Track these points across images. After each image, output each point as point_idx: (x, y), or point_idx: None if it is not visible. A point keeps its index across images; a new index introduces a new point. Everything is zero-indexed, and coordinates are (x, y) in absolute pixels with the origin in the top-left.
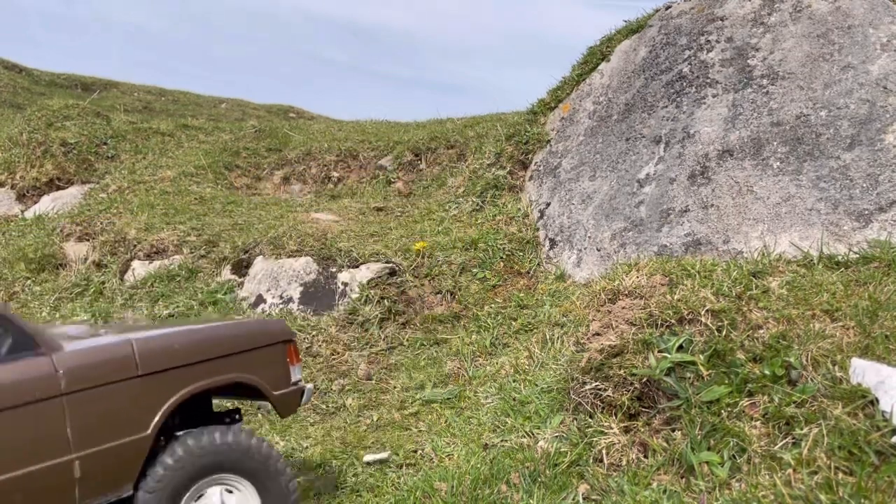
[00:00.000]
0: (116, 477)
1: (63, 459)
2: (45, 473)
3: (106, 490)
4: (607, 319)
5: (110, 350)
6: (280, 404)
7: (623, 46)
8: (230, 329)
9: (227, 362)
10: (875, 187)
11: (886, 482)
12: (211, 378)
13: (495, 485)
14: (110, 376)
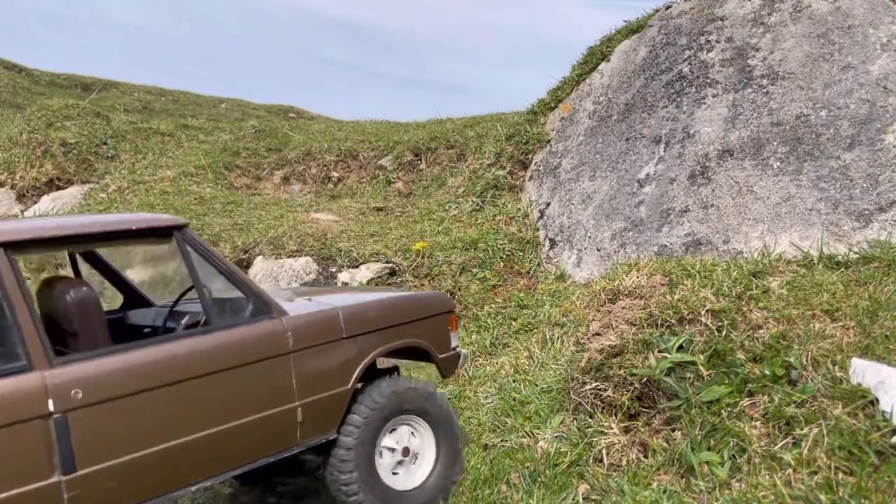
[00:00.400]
0: (326, 423)
1: (290, 406)
2: (278, 416)
3: (318, 433)
4: (607, 319)
5: (323, 316)
6: (444, 366)
7: (623, 46)
8: (408, 300)
9: (407, 328)
10: (875, 187)
11: (886, 482)
12: (395, 341)
13: (495, 485)
14: (323, 337)
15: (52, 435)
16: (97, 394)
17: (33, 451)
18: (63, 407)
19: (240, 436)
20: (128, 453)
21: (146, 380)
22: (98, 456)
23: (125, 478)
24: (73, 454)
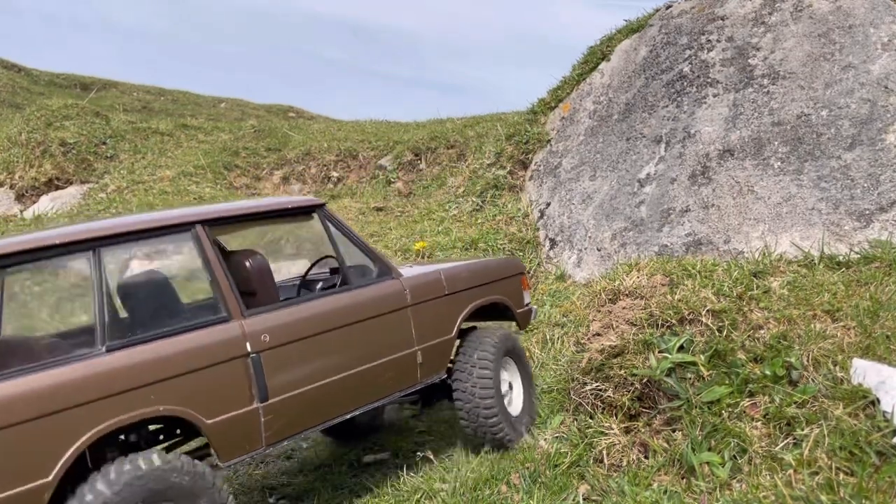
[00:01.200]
0: (439, 365)
1: (412, 350)
2: (404, 358)
3: (433, 373)
4: (608, 319)
5: (430, 277)
6: (521, 319)
7: (623, 46)
8: (490, 264)
9: (492, 287)
10: (876, 187)
11: (887, 482)
12: (484, 297)
13: (495, 485)
14: (432, 294)
15: (250, 371)
16: (279, 338)
17: (238, 384)
18: (256, 349)
19: (379, 373)
20: (303, 386)
21: (311, 328)
22: (283, 387)
23: (302, 406)
24: (267, 386)
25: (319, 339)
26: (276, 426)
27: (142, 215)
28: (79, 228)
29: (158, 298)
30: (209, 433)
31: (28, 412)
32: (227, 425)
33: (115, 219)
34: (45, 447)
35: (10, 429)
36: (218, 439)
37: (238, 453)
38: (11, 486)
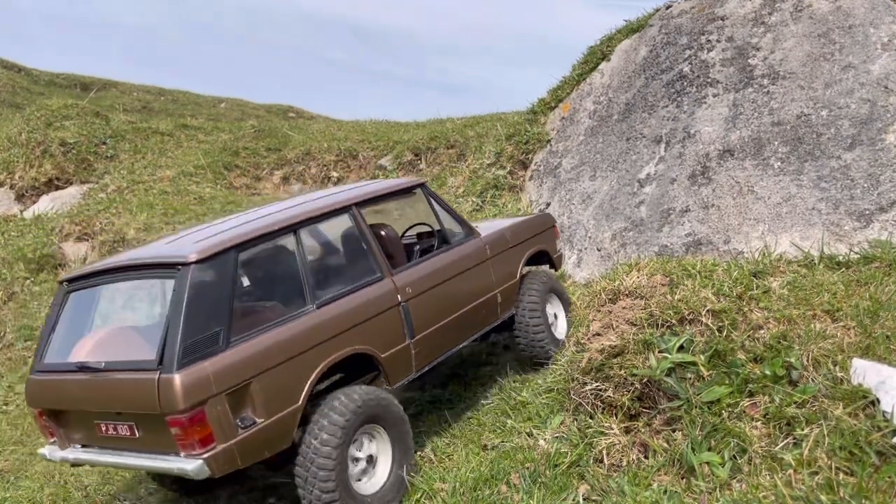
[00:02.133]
0: (510, 303)
1: (494, 292)
2: (490, 299)
3: (507, 310)
4: (608, 319)
5: (499, 233)
6: (557, 262)
7: (623, 46)
8: (534, 220)
9: (537, 238)
10: (876, 187)
11: (887, 482)
12: (533, 248)
13: (495, 485)
14: (502, 247)
15: (401, 315)
16: (417, 289)
17: (396, 326)
18: (404, 298)
19: (476, 312)
20: (434, 324)
21: (434, 279)
22: (423, 326)
23: (435, 340)
24: (413, 326)
25: (440, 288)
26: (421, 357)
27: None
28: (282, 217)
29: (340, 265)
30: (384, 364)
31: (281, 356)
32: (393, 357)
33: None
34: (294, 381)
35: (272, 369)
36: (389, 368)
37: (400, 379)
38: (279, 410)
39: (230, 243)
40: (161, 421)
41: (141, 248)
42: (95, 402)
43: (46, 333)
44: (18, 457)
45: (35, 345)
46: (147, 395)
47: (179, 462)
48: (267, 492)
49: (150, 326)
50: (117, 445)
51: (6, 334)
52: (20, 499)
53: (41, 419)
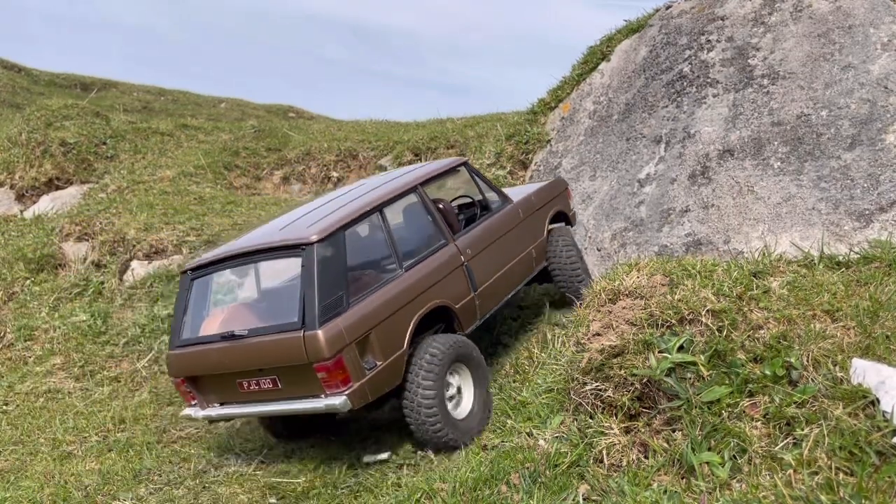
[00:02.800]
0: (541, 258)
1: (529, 249)
2: (526, 255)
3: (539, 263)
4: (607, 319)
5: (526, 198)
6: (572, 219)
7: (623, 46)
8: (552, 184)
9: (555, 200)
10: (876, 187)
11: (887, 482)
12: (554, 209)
13: (495, 485)
14: (531, 210)
15: (465, 273)
16: (474, 250)
17: (462, 282)
18: (465, 259)
19: (518, 266)
20: (489, 279)
21: (485, 242)
22: (481, 282)
23: (491, 293)
24: (475, 282)
25: (490, 248)
26: (482, 307)
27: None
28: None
29: (414, 235)
30: (458, 313)
31: (387, 311)
32: (464, 308)
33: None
34: (399, 330)
35: (383, 322)
36: (462, 317)
37: (470, 325)
38: (391, 354)
39: (339, 224)
40: (305, 370)
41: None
42: (242, 363)
43: (179, 315)
44: (18, 457)
45: (32, 343)
46: (295, 349)
47: (326, 401)
48: (267, 492)
49: (284, 296)
50: (259, 398)
51: (6, 334)
52: (20, 499)
53: (182, 386)
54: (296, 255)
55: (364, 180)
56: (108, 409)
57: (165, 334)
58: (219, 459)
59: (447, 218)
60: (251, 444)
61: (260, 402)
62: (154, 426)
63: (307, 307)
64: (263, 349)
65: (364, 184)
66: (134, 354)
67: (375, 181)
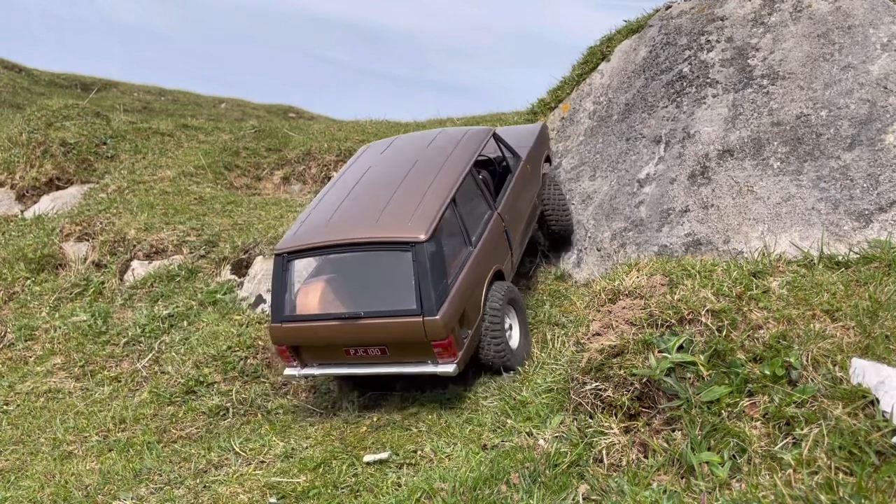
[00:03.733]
0: (538, 203)
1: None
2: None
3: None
4: (607, 319)
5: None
6: (551, 159)
7: (623, 46)
8: (541, 130)
9: (544, 145)
10: (875, 187)
11: (887, 482)
12: (544, 152)
13: (495, 485)
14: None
15: (505, 237)
16: (507, 214)
17: (504, 245)
18: (505, 225)
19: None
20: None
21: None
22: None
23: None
24: (511, 242)
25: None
26: (515, 261)
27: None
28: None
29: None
30: (504, 271)
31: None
32: (508, 265)
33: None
34: (478, 300)
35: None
36: (506, 273)
37: (510, 278)
38: (475, 323)
39: (438, 218)
40: (415, 344)
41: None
42: (357, 339)
43: (280, 292)
44: (19, 457)
45: (33, 343)
46: (416, 331)
47: (439, 368)
48: (267, 492)
49: (397, 284)
50: (365, 362)
51: (7, 334)
52: (21, 498)
53: (285, 352)
54: (405, 250)
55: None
56: (108, 409)
57: (166, 334)
58: (219, 459)
59: (488, 187)
60: (251, 443)
61: (365, 365)
62: (154, 426)
63: (424, 296)
64: (382, 329)
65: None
66: (134, 354)
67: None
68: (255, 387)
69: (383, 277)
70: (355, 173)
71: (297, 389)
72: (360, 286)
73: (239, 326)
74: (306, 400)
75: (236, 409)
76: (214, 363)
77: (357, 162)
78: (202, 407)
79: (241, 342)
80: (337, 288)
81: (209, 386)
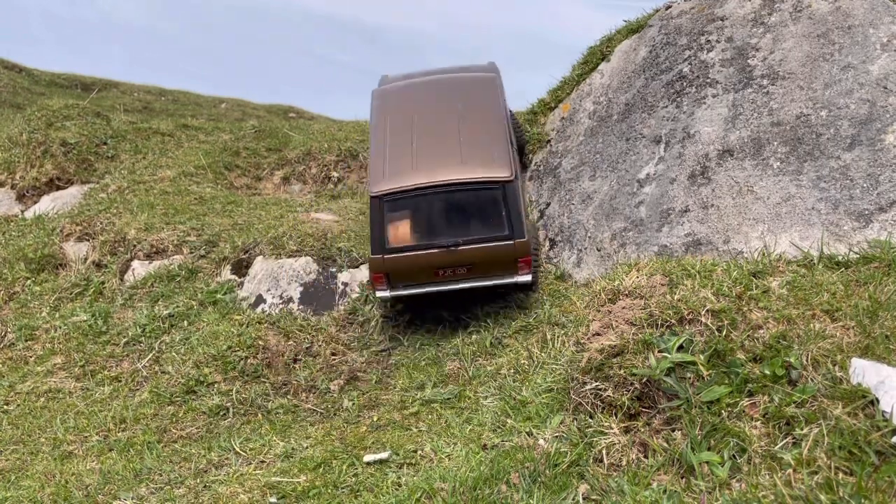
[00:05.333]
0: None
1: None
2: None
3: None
4: (607, 319)
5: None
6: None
7: (623, 46)
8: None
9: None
10: (875, 187)
11: (887, 482)
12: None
13: (495, 485)
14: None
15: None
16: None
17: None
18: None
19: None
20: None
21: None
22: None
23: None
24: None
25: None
26: None
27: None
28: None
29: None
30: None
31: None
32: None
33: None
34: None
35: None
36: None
37: None
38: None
39: (514, 159)
40: (501, 262)
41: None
42: (458, 263)
43: (378, 229)
44: (19, 456)
45: (33, 343)
46: (509, 251)
47: (518, 278)
48: (267, 491)
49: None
50: (452, 280)
51: (7, 334)
52: (21, 498)
53: (380, 279)
54: (495, 188)
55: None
56: (108, 409)
57: (166, 334)
58: (219, 459)
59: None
60: (251, 443)
61: (451, 282)
62: (154, 426)
63: (514, 224)
64: (477, 252)
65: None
66: (134, 354)
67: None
68: (256, 387)
69: (476, 211)
70: (402, 123)
71: (297, 389)
72: (454, 219)
73: (239, 326)
74: (306, 400)
75: (236, 408)
76: (215, 363)
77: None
78: (202, 407)
79: (242, 342)
80: (430, 222)
81: (209, 386)
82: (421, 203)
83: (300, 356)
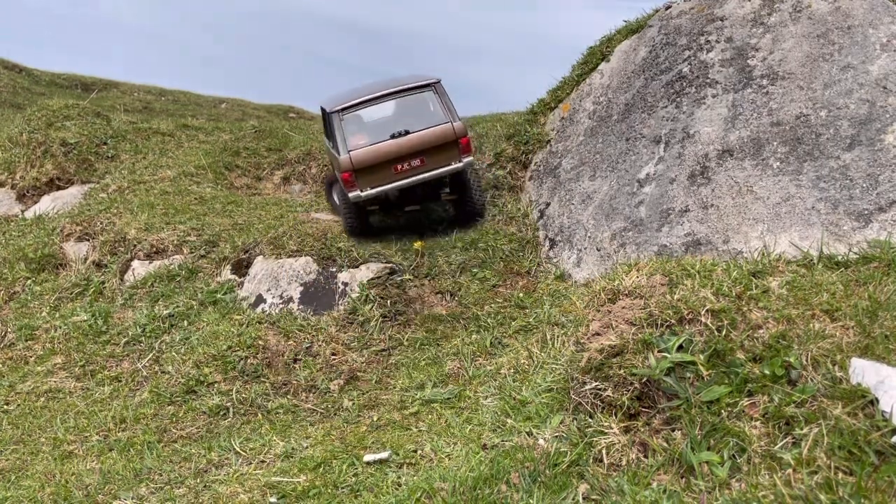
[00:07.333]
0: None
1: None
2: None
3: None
4: (607, 319)
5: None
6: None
7: (623, 46)
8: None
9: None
10: (875, 187)
11: (886, 482)
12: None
13: (495, 485)
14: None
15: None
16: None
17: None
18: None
19: None
20: None
21: None
22: None
23: None
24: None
25: None
26: None
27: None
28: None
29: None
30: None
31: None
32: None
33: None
34: None
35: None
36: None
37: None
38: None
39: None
40: (443, 149)
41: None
42: (410, 149)
43: (341, 137)
44: (19, 456)
45: (33, 343)
46: (448, 133)
47: (459, 164)
48: (267, 491)
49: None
50: (409, 174)
51: (7, 334)
52: (21, 498)
53: (348, 179)
54: (428, 90)
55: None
56: (108, 409)
57: (166, 334)
58: (219, 459)
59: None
60: (251, 443)
61: (410, 176)
62: (154, 426)
63: (450, 114)
64: (427, 137)
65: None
66: (135, 354)
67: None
68: (256, 386)
69: (417, 109)
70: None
71: (297, 389)
72: (401, 118)
73: (239, 326)
74: (306, 400)
75: (236, 408)
76: (215, 363)
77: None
78: (202, 407)
79: (242, 342)
80: (384, 123)
81: (209, 386)
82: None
83: (300, 356)
